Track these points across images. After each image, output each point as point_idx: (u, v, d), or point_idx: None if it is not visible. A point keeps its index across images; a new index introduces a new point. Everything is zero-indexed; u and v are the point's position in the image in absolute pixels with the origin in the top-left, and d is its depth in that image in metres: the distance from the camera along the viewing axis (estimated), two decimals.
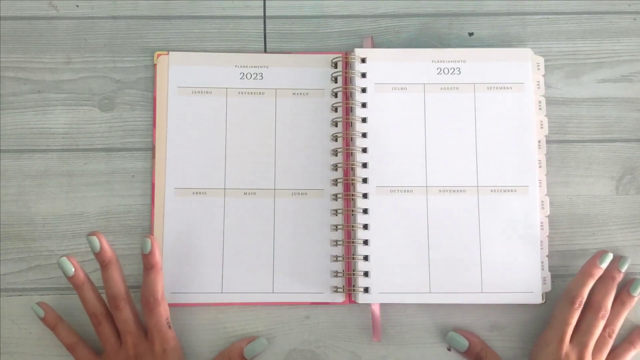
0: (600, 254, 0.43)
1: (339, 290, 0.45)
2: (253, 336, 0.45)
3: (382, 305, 0.46)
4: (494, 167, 0.46)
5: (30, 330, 0.45)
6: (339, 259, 0.45)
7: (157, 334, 0.42)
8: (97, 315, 0.42)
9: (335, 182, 0.46)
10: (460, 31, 0.50)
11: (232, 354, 0.44)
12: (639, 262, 0.47)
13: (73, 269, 0.42)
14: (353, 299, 0.45)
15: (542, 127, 0.47)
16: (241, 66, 0.48)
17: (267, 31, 0.50)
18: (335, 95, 0.48)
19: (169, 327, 0.42)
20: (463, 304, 0.46)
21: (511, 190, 0.46)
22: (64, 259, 0.42)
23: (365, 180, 0.46)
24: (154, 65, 0.48)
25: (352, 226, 0.46)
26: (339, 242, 0.46)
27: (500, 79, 0.47)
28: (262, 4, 0.50)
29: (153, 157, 0.47)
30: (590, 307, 0.43)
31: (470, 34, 0.50)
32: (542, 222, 0.46)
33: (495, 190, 0.46)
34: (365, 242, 0.45)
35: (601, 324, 0.42)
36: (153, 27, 0.49)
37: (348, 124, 0.47)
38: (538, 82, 0.48)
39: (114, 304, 0.42)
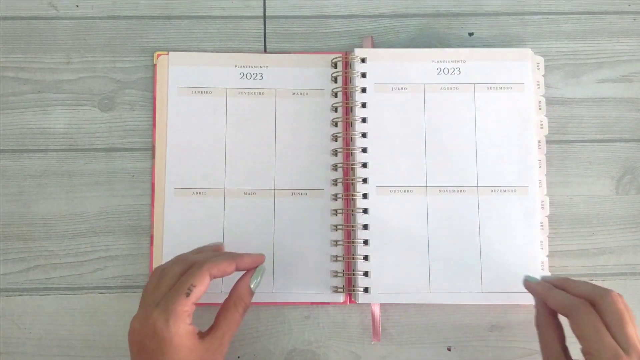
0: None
1: (339, 290, 0.45)
2: (249, 270, 0.41)
3: (382, 305, 0.46)
4: (494, 167, 0.46)
5: (30, 330, 0.45)
6: (339, 259, 0.45)
7: None
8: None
9: (335, 182, 0.46)
10: (460, 31, 0.50)
11: (241, 294, 0.39)
12: (639, 262, 0.47)
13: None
14: (353, 299, 0.45)
15: (542, 127, 0.47)
16: (241, 66, 0.48)
17: (267, 31, 0.50)
18: (335, 95, 0.48)
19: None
20: (463, 304, 0.46)
21: (511, 190, 0.46)
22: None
23: (365, 180, 0.46)
24: (154, 65, 0.48)
25: (352, 226, 0.46)
26: (339, 242, 0.46)
27: (500, 79, 0.47)
28: (262, 4, 0.50)
29: (153, 157, 0.47)
30: None
31: (470, 34, 0.50)
32: (542, 222, 0.46)
33: (495, 190, 0.46)
34: (365, 242, 0.45)
35: None
36: (153, 27, 0.49)
37: (348, 124, 0.47)
38: (538, 82, 0.48)
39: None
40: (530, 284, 0.41)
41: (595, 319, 0.35)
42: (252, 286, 0.40)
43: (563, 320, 0.38)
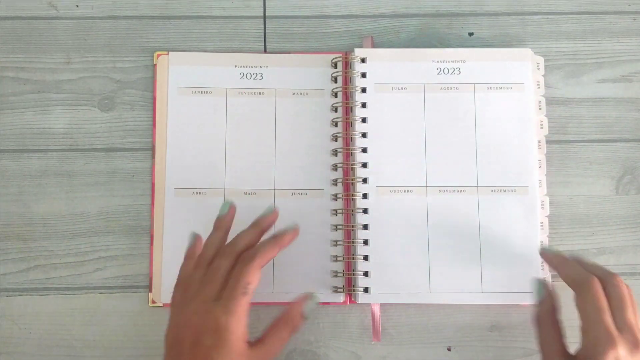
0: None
1: (339, 290, 0.45)
2: (305, 294, 0.41)
3: (382, 305, 0.46)
4: (494, 167, 0.46)
5: (30, 330, 0.45)
6: (339, 259, 0.45)
7: None
8: None
9: (335, 182, 0.46)
10: (460, 31, 0.50)
11: (293, 316, 0.40)
12: (639, 262, 0.47)
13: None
14: (353, 299, 0.45)
15: (542, 127, 0.47)
16: (241, 66, 0.48)
17: (267, 31, 0.50)
18: (335, 95, 0.48)
19: None
20: (463, 304, 0.46)
21: (511, 190, 0.46)
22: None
23: (365, 180, 0.46)
24: (154, 65, 0.48)
25: (352, 226, 0.46)
26: (339, 242, 0.46)
27: (500, 79, 0.47)
28: (262, 4, 0.50)
29: (153, 157, 0.47)
30: None
31: (470, 34, 0.50)
32: (542, 222, 0.46)
33: (495, 190, 0.46)
34: (365, 242, 0.45)
35: None
36: (153, 27, 0.49)
37: (348, 124, 0.47)
38: (538, 82, 0.48)
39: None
40: (546, 254, 0.42)
41: (602, 298, 0.36)
42: (304, 312, 0.40)
43: (564, 318, 0.39)
